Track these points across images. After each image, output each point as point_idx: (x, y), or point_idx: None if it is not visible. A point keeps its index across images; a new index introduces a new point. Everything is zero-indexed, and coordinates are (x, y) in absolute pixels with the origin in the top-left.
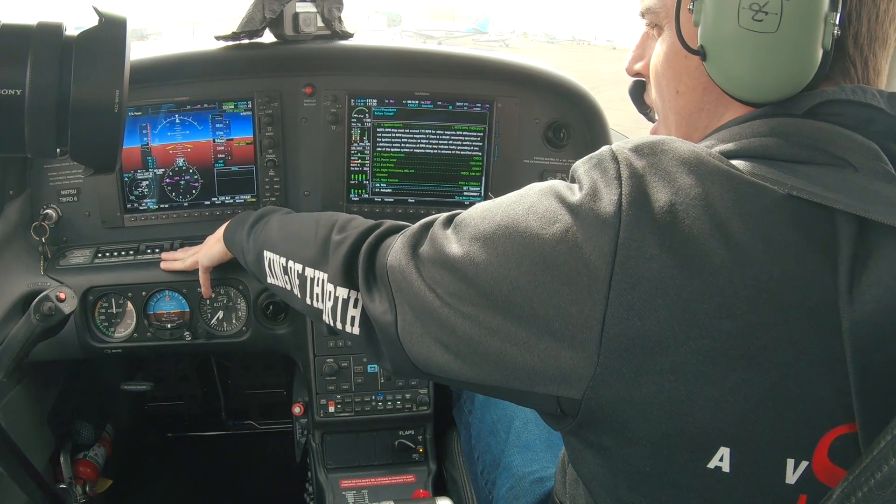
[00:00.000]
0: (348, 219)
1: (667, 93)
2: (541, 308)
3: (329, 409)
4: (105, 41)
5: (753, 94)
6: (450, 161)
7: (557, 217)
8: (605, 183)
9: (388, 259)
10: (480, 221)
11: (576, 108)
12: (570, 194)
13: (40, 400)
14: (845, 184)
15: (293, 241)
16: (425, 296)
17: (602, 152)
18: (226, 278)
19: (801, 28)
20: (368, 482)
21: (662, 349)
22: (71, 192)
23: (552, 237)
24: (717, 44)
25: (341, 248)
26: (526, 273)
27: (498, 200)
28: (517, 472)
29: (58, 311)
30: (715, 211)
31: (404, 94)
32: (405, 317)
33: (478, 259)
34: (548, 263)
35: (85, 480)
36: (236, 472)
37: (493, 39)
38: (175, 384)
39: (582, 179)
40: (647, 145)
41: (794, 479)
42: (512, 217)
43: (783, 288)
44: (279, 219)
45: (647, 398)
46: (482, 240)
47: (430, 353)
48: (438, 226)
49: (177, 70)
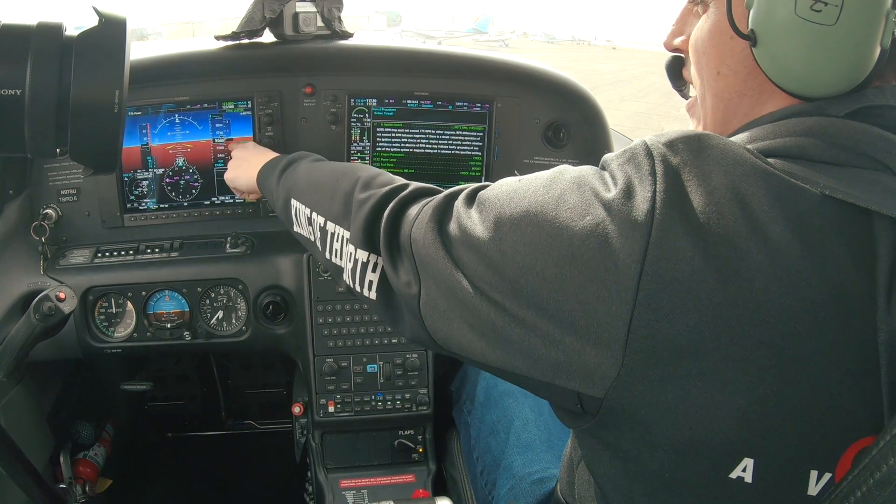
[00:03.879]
0: (373, 175)
1: (707, 72)
2: (567, 303)
3: (329, 408)
4: (105, 41)
5: (803, 87)
6: (450, 161)
7: (589, 210)
8: (639, 179)
9: (413, 231)
10: (507, 203)
11: (576, 108)
12: (604, 189)
13: (40, 400)
14: (883, 188)
15: (318, 191)
16: (452, 276)
17: (636, 146)
18: (226, 278)
19: (861, 23)
20: (368, 482)
21: (691, 354)
22: (71, 192)
23: (582, 231)
24: (769, 30)
25: (364, 208)
26: (553, 266)
27: (526, 181)
28: (518, 473)
29: (58, 310)
30: (752, 212)
31: (404, 94)
32: (430, 292)
33: (505, 246)
34: (576, 258)
35: (85, 480)
36: (236, 472)
37: (493, 39)
38: (175, 384)
39: (616, 174)
40: (682, 140)
41: (817, 490)
42: (541, 205)
43: (821, 297)
44: (307, 166)
45: (671, 403)
46: (509, 224)
47: (452, 332)
48: (462, 203)
49: (177, 70)
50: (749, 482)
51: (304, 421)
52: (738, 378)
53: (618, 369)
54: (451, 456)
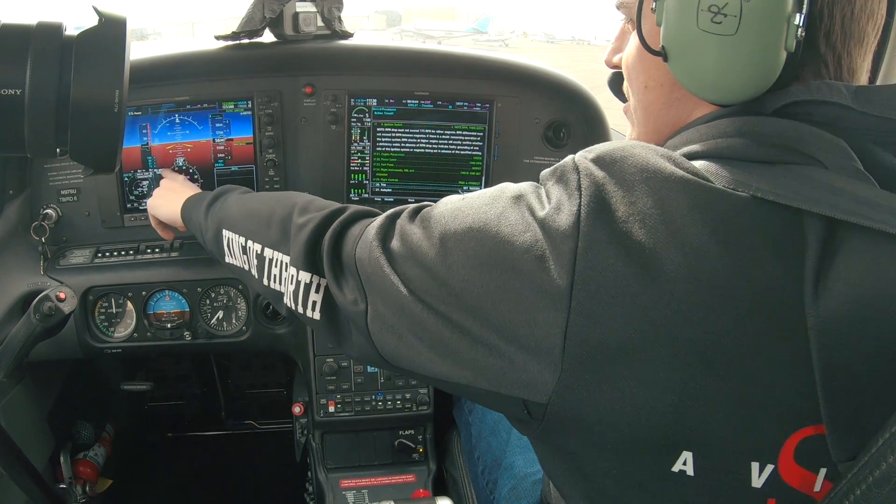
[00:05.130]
0: (308, 200)
1: (636, 86)
2: (509, 314)
3: (329, 408)
4: (105, 41)
5: (716, 94)
6: (450, 161)
7: (528, 228)
8: (567, 195)
9: (357, 251)
10: (451, 220)
11: (576, 108)
12: (539, 207)
13: (40, 400)
14: (813, 182)
15: (253, 220)
16: (398, 290)
17: (566, 163)
18: (226, 278)
19: (760, 31)
20: (368, 482)
21: (622, 356)
22: (71, 192)
23: (521, 247)
24: (678, 45)
25: (304, 231)
26: (496, 279)
27: (469, 199)
28: (519, 473)
29: (58, 310)
30: (672, 218)
31: (404, 94)
32: (376, 308)
33: (450, 260)
34: (517, 271)
35: (85, 480)
36: (236, 472)
37: (492, 39)
38: (175, 384)
39: (550, 191)
40: (607, 154)
41: (761, 482)
42: (484, 221)
43: (741, 293)
44: (237, 198)
45: (609, 404)
46: (454, 239)
47: (400, 346)
48: (405, 219)
49: (177, 70)
50: (691, 475)
51: (305, 421)
52: (668, 375)
53: (558, 375)
54: (452, 456)
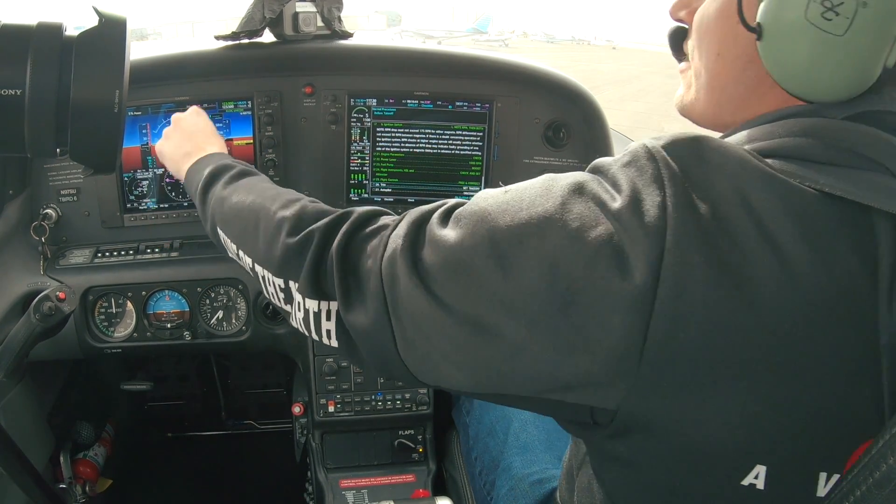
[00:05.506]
0: (297, 211)
1: (707, 51)
2: (579, 319)
3: (329, 408)
4: (105, 41)
5: (803, 89)
6: (450, 161)
7: (598, 220)
8: (643, 185)
9: (383, 267)
10: (500, 216)
11: (576, 108)
12: (609, 198)
13: (40, 400)
14: (883, 187)
15: (241, 225)
16: (436, 314)
17: (636, 150)
18: (226, 278)
19: (869, 40)
20: (368, 482)
21: (705, 363)
22: (71, 192)
23: (594, 243)
24: (777, 27)
25: (304, 254)
26: (564, 280)
27: (513, 192)
28: (517, 474)
29: (58, 310)
30: (759, 216)
31: (404, 94)
32: (407, 333)
33: (504, 264)
34: (589, 271)
35: (85, 480)
36: (236, 472)
37: (492, 39)
38: (175, 384)
39: (619, 181)
40: (683, 143)
41: (825, 491)
42: (543, 214)
43: (829, 299)
44: (224, 191)
45: (684, 413)
46: (508, 240)
47: (440, 372)
48: (437, 224)
49: (177, 70)
50: (761, 489)
51: (304, 421)
52: (751, 384)
53: (633, 380)
54: (451, 456)
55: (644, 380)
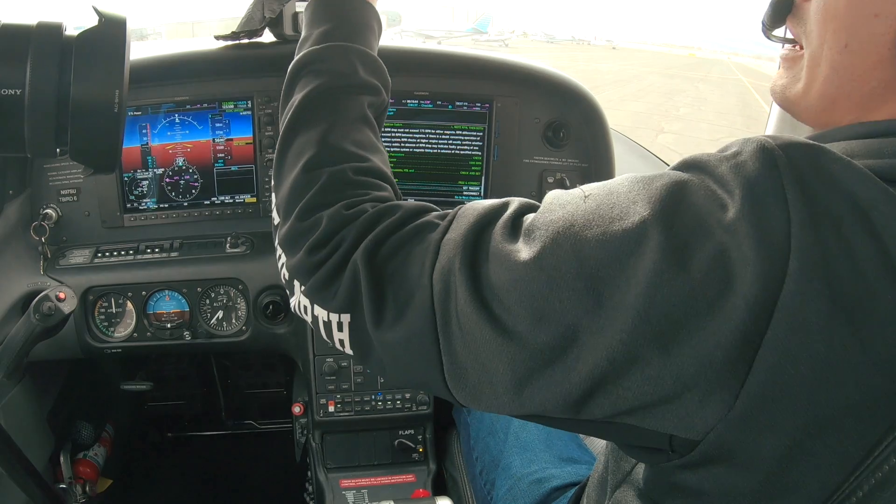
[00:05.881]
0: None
1: (832, 41)
2: (679, 357)
3: (329, 408)
4: (105, 41)
5: None
6: (449, 161)
7: (708, 233)
8: (763, 191)
9: (434, 277)
10: (585, 227)
11: (575, 108)
12: (719, 207)
13: (40, 400)
14: None
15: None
16: (500, 342)
17: (750, 149)
18: (226, 278)
19: None
20: (368, 482)
21: (809, 401)
22: (71, 192)
23: (701, 260)
24: None
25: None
26: (662, 307)
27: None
28: (516, 473)
29: (57, 310)
30: (885, 246)
31: (404, 94)
32: (458, 358)
33: (599, 289)
34: (693, 292)
35: (85, 480)
36: (236, 472)
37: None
38: (175, 384)
39: (729, 183)
40: (800, 149)
41: None
42: (640, 229)
43: None
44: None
45: (777, 450)
46: (601, 259)
47: (496, 401)
48: (503, 234)
49: (177, 70)
50: None
51: (304, 421)
52: (855, 427)
53: (726, 412)
54: (452, 456)
55: (739, 413)
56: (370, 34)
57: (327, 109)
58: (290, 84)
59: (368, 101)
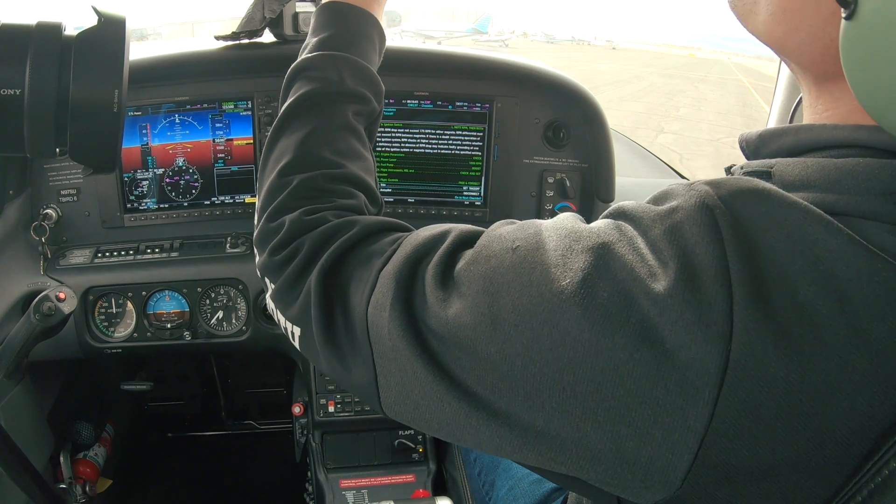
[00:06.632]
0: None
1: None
2: (608, 423)
3: (329, 408)
4: (104, 41)
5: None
6: (449, 161)
7: (633, 309)
8: (703, 269)
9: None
10: (505, 291)
11: (575, 108)
12: (648, 274)
13: (40, 400)
14: None
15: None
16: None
17: (686, 203)
18: (226, 278)
19: None
20: (368, 482)
21: (770, 474)
22: (71, 192)
23: (626, 339)
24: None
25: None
26: (586, 381)
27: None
28: (517, 474)
29: (57, 310)
30: (851, 306)
31: (404, 94)
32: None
33: (509, 350)
34: (620, 373)
35: (85, 480)
36: (236, 472)
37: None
38: (175, 384)
39: (663, 253)
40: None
41: None
42: (557, 301)
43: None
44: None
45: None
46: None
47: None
48: (433, 278)
49: (177, 70)
50: None
51: (304, 421)
52: (819, 489)
53: (675, 490)
54: (451, 456)
55: (691, 489)
56: (367, 45)
57: (310, 116)
58: (285, 90)
59: (355, 110)
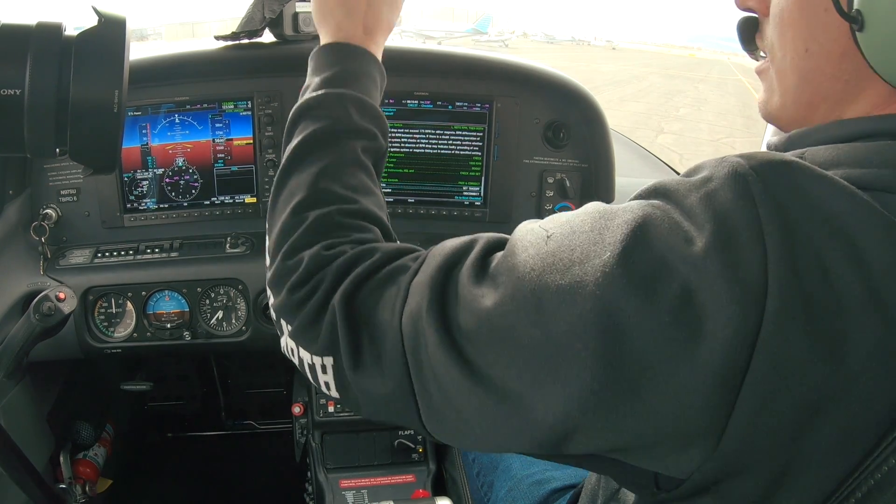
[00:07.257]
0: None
1: (792, 48)
2: (649, 404)
3: (329, 408)
4: (104, 41)
5: None
6: (449, 161)
7: (672, 270)
8: (736, 223)
9: (402, 322)
10: (547, 274)
11: (575, 108)
12: (685, 242)
13: (40, 400)
14: None
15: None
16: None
17: (720, 172)
18: (226, 278)
19: None
20: (368, 482)
21: (791, 440)
22: (71, 192)
23: (668, 304)
24: (882, 14)
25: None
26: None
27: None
28: (517, 475)
29: (57, 310)
30: (871, 274)
31: (404, 94)
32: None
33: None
34: (661, 336)
35: (85, 480)
36: (236, 472)
37: (492, 39)
38: (175, 384)
39: (697, 214)
40: (777, 168)
41: None
42: (600, 273)
43: None
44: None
45: (760, 482)
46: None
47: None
48: (469, 277)
49: (176, 70)
50: None
51: (304, 421)
52: (837, 460)
53: (710, 454)
54: (451, 456)
55: (722, 454)
56: (370, 82)
57: (320, 153)
58: (290, 130)
59: (363, 146)
